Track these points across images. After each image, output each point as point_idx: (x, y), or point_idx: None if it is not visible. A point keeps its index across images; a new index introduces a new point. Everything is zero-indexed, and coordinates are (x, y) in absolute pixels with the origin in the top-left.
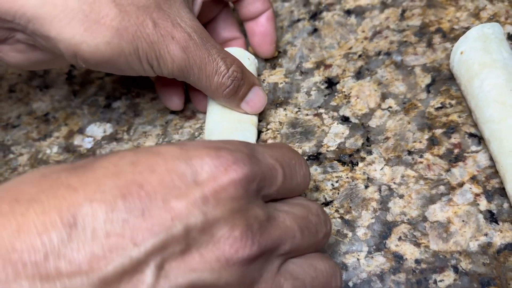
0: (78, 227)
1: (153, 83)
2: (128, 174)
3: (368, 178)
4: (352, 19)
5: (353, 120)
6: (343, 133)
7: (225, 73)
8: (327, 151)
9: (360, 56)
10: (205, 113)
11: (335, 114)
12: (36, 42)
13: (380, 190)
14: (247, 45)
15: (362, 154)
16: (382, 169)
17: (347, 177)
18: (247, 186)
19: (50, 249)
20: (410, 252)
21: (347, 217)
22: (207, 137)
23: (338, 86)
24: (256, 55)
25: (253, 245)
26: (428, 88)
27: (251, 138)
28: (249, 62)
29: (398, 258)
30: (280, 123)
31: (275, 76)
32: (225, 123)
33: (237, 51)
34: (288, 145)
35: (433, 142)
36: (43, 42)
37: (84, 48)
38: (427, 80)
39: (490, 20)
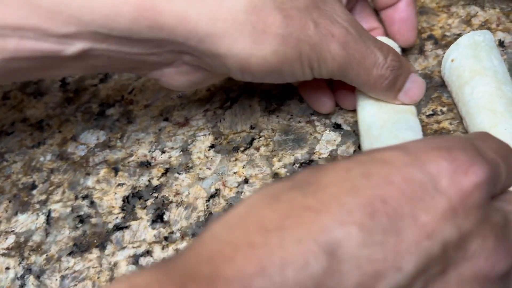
0: (337, 255)
1: (145, 89)
2: (365, 188)
3: None
4: None
5: (345, 127)
6: (335, 140)
7: (384, 64)
8: (319, 158)
9: None
10: (351, 110)
11: (327, 121)
12: (201, 63)
13: None
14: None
15: None
16: None
17: None
18: (488, 188)
19: (317, 283)
20: None
21: None
22: (365, 133)
23: None
24: None
25: (508, 257)
26: None
27: (417, 129)
28: (397, 50)
29: None
30: (273, 130)
31: (268, 83)
32: (383, 115)
33: (383, 40)
34: (492, 135)
35: None
36: (211, 61)
37: (252, 61)
38: None
39: (481, 26)
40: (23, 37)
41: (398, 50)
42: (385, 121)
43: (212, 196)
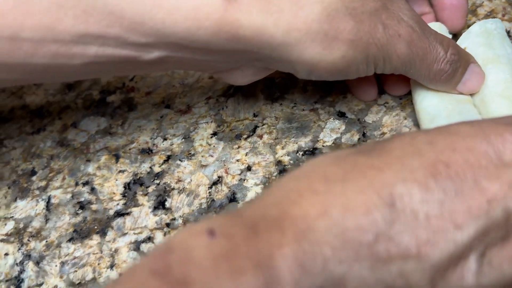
0: (397, 208)
1: (147, 77)
2: (429, 153)
3: None
4: None
5: (349, 115)
6: (339, 129)
7: (444, 59)
8: (323, 146)
9: None
10: (398, 97)
11: (332, 109)
12: (269, 65)
13: None
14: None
15: None
16: None
17: None
18: None
19: (378, 230)
20: None
21: None
22: (429, 122)
23: (334, 82)
24: None
25: None
26: None
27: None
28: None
29: None
30: (276, 118)
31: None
32: (447, 105)
33: (436, 27)
34: None
35: None
36: (280, 65)
37: (321, 65)
38: None
39: (487, 16)
40: (103, 44)
41: (450, 36)
42: (450, 111)
43: (215, 183)
